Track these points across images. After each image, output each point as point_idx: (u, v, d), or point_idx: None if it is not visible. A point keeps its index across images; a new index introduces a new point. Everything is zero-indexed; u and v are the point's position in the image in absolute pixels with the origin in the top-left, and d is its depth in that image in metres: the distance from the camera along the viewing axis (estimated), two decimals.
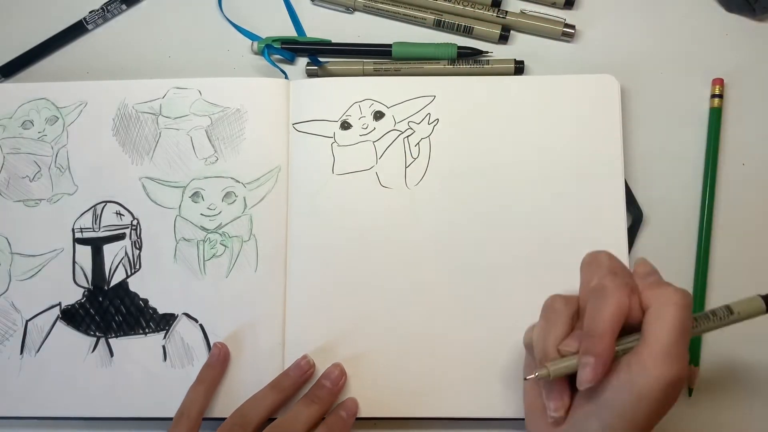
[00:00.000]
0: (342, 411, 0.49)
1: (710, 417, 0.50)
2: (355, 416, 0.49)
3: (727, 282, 0.52)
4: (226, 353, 0.50)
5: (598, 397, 0.38)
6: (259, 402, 0.48)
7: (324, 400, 0.49)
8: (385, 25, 0.59)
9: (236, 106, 0.55)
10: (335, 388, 0.49)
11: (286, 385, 0.49)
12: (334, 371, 0.50)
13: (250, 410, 0.48)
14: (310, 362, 0.50)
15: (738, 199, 0.54)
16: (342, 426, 0.48)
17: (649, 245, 0.53)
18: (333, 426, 0.48)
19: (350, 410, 0.49)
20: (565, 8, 0.58)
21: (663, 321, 0.36)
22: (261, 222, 0.53)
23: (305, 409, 0.48)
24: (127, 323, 0.52)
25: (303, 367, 0.50)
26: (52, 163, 0.55)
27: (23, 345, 0.52)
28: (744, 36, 0.57)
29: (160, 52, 0.59)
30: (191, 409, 0.48)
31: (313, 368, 0.50)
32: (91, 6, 0.60)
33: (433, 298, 0.51)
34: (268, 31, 0.59)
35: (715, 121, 0.54)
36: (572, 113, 0.54)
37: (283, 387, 0.49)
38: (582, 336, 0.38)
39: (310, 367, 0.50)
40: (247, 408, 0.48)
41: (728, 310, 0.39)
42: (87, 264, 0.53)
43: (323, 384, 0.49)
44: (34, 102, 0.56)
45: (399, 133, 0.54)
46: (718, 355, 0.51)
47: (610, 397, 0.37)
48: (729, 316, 0.39)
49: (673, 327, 0.36)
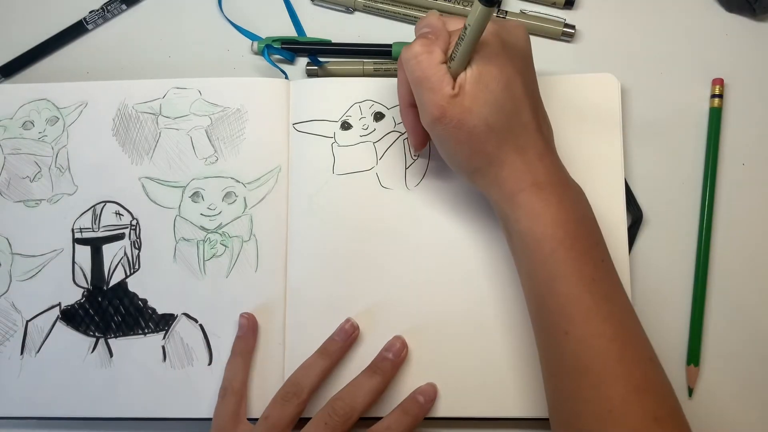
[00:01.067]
0: (420, 396, 0.49)
1: (710, 417, 0.50)
2: (433, 402, 0.49)
3: (728, 282, 0.52)
4: (254, 322, 0.51)
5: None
6: (310, 369, 0.48)
7: (386, 371, 0.49)
8: (385, 25, 0.59)
9: (236, 106, 0.55)
10: (397, 360, 0.49)
11: (333, 349, 0.49)
12: (395, 343, 0.50)
13: (302, 378, 0.48)
14: (354, 324, 0.50)
15: (738, 199, 0.54)
16: (418, 410, 0.48)
17: (649, 245, 0.53)
18: (409, 409, 0.48)
19: (429, 395, 0.49)
20: (565, 8, 0.58)
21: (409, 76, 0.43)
22: (261, 222, 0.53)
23: (367, 381, 0.48)
24: (127, 323, 0.52)
25: (348, 330, 0.50)
26: (53, 163, 0.55)
27: (23, 345, 0.52)
28: (744, 36, 0.57)
29: (160, 52, 0.59)
30: (234, 383, 0.49)
31: (357, 330, 0.50)
32: (91, 6, 0.60)
33: (433, 298, 0.51)
34: (268, 31, 0.59)
35: (715, 121, 0.54)
36: (572, 113, 0.54)
37: (330, 352, 0.49)
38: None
39: (354, 330, 0.50)
40: (298, 376, 0.48)
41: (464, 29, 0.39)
42: (86, 264, 0.53)
43: (385, 356, 0.49)
44: (35, 102, 0.56)
45: (399, 134, 0.54)
46: (718, 355, 0.51)
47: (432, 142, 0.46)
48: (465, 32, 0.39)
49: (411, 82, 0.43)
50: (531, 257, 0.42)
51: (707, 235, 0.52)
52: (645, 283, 0.52)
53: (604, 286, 0.41)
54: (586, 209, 0.44)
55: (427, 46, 0.41)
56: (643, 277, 0.52)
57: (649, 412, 0.39)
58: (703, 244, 0.52)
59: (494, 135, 0.41)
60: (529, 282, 0.43)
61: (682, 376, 0.51)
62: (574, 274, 0.41)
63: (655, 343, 0.51)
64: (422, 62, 0.41)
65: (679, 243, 0.53)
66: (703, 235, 0.52)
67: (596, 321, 0.40)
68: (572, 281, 0.40)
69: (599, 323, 0.40)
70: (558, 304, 0.41)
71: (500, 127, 0.41)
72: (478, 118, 0.41)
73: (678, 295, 0.52)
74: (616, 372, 0.39)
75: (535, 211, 0.42)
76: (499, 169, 0.42)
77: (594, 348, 0.40)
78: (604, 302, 0.41)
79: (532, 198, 0.42)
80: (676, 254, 0.53)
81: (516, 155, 0.42)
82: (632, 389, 0.39)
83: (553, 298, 0.41)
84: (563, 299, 0.40)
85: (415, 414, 0.48)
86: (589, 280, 0.41)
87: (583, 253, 0.41)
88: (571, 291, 0.40)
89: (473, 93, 0.41)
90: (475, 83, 0.40)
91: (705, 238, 0.52)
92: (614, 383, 0.39)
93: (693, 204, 0.54)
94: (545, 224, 0.41)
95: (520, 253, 0.43)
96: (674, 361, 0.51)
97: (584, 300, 0.40)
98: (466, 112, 0.41)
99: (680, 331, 0.51)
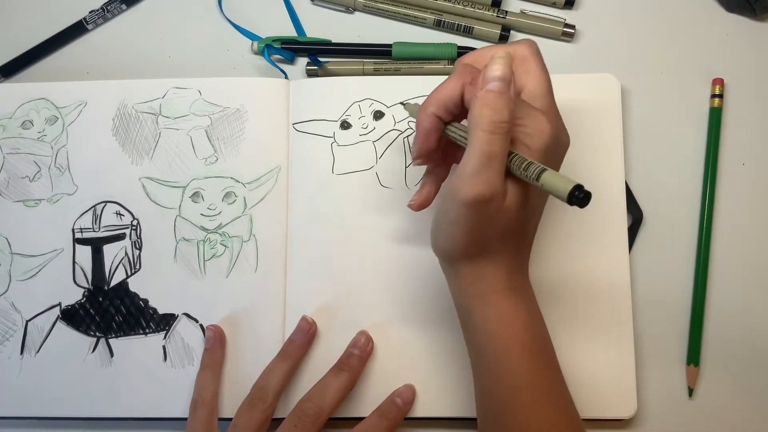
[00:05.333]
0: (398, 398, 0.49)
1: (710, 417, 0.50)
2: (411, 404, 0.49)
3: (728, 282, 0.52)
4: (220, 333, 0.51)
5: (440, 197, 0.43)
6: (272, 373, 0.48)
7: (353, 367, 0.49)
8: (385, 25, 0.59)
9: (236, 106, 0.55)
10: (363, 355, 0.49)
11: (292, 350, 0.49)
12: (360, 338, 0.50)
13: (266, 382, 0.48)
14: (309, 320, 0.50)
15: (738, 199, 0.54)
16: (396, 413, 0.48)
17: (649, 245, 0.53)
18: (387, 412, 0.48)
19: (406, 398, 0.49)
20: (565, 8, 0.58)
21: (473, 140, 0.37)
22: (261, 222, 0.53)
23: (334, 379, 0.48)
24: (127, 323, 0.52)
25: (304, 328, 0.50)
26: (52, 163, 0.55)
27: (23, 345, 0.52)
28: (744, 36, 0.57)
29: (160, 52, 0.59)
30: (204, 395, 0.49)
31: (314, 326, 0.50)
32: (91, 6, 0.60)
33: (433, 297, 0.51)
34: (268, 31, 0.59)
35: (715, 121, 0.54)
36: (573, 113, 0.53)
37: (290, 353, 0.49)
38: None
39: (311, 326, 0.50)
40: (261, 381, 0.48)
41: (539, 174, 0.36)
42: (87, 264, 0.53)
43: (351, 352, 0.49)
44: (34, 102, 0.56)
45: (399, 132, 0.54)
46: (718, 355, 0.51)
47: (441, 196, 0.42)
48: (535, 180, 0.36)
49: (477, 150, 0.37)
50: (495, 361, 0.41)
51: (707, 235, 0.52)
52: (645, 283, 0.52)
53: (562, 395, 0.41)
54: (541, 317, 0.43)
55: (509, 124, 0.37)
56: (643, 277, 0.52)
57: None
58: (703, 244, 0.52)
59: (503, 238, 0.39)
60: (489, 384, 0.41)
61: (682, 376, 0.51)
62: (538, 383, 0.40)
63: (655, 343, 0.51)
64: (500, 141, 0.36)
65: (679, 243, 0.53)
66: (703, 235, 0.52)
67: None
68: (537, 390, 0.40)
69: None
70: (522, 415, 0.40)
71: (510, 235, 0.40)
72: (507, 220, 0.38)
73: (678, 295, 0.52)
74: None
75: (506, 315, 0.41)
76: (487, 263, 0.40)
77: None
78: (562, 413, 0.41)
79: (505, 301, 0.41)
80: (676, 254, 0.53)
81: (508, 259, 0.41)
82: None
83: (518, 408, 0.40)
84: (526, 408, 0.40)
85: (394, 417, 0.48)
86: (551, 389, 0.41)
87: (547, 362, 0.41)
88: (534, 401, 0.40)
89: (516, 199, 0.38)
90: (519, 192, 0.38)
91: (705, 238, 0.52)
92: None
93: (693, 204, 0.54)
94: (516, 329, 0.40)
95: (481, 353, 0.42)
96: (674, 361, 0.51)
97: (547, 410, 0.40)
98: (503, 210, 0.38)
99: (680, 331, 0.51)
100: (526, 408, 0.40)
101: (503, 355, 0.40)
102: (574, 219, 0.52)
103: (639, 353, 0.50)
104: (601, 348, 0.50)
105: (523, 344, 0.40)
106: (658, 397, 0.50)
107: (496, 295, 0.41)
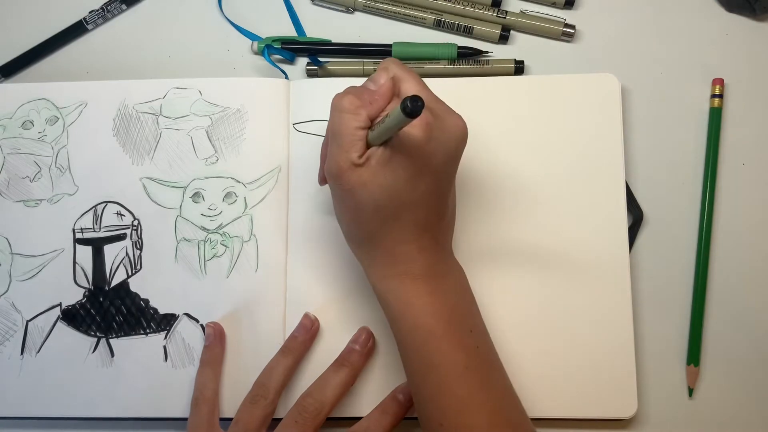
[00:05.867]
0: (400, 394, 0.49)
1: (710, 417, 0.50)
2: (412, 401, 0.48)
3: (727, 282, 0.52)
4: (220, 330, 0.51)
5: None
6: (274, 369, 0.48)
7: (354, 363, 0.49)
8: (385, 25, 0.59)
9: (236, 106, 0.55)
10: (364, 351, 0.49)
11: (294, 346, 0.50)
12: (361, 335, 0.50)
13: (268, 379, 0.48)
14: (312, 317, 0.50)
15: (738, 199, 0.54)
16: (398, 409, 0.48)
17: (649, 245, 0.53)
18: (388, 408, 0.48)
19: (408, 394, 0.49)
20: (565, 8, 0.58)
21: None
22: (261, 222, 0.53)
23: (335, 375, 0.48)
24: (128, 323, 0.52)
25: (307, 325, 0.50)
26: (53, 163, 0.55)
27: (24, 345, 0.52)
28: (744, 36, 0.57)
29: (160, 52, 0.59)
30: (205, 392, 0.49)
31: (317, 323, 0.50)
32: (91, 6, 0.60)
33: None
34: (268, 31, 0.59)
35: (715, 121, 0.54)
36: (573, 113, 0.54)
37: (291, 349, 0.49)
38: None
39: (313, 323, 0.50)
40: (263, 377, 0.48)
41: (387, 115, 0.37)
42: (88, 264, 0.53)
43: (352, 348, 0.49)
44: (34, 102, 0.56)
45: None
46: (718, 355, 0.51)
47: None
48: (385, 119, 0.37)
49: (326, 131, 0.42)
50: (404, 344, 0.42)
51: (707, 235, 0.52)
52: (645, 283, 0.52)
53: (478, 374, 0.41)
54: (461, 296, 0.43)
55: (355, 107, 0.39)
56: (643, 277, 0.52)
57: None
58: (703, 244, 0.52)
59: (378, 217, 0.40)
60: (406, 367, 0.43)
61: (682, 376, 0.51)
62: (446, 364, 0.40)
63: (655, 343, 0.51)
64: (343, 120, 0.39)
65: (679, 243, 0.53)
66: (703, 235, 0.52)
67: (470, 412, 0.40)
68: (444, 371, 0.40)
69: (473, 414, 0.40)
70: (431, 395, 0.41)
71: (388, 213, 0.40)
72: (369, 196, 0.39)
73: (678, 295, 0.52)
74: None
75: (404, 299, 0.42)
76: (375, 248, 0.42)
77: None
78: (477, 391, 0.41)
79: (402, 286, 0.42)
80: (676, 254, 0.53)
81: (394, 243, 0.41)
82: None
83: (427, 389, 0.41)
84: (436, 390, 0.40)
85: (395, 413, 0.48)
86: (462, 369, 0.41)
87: (456, 343, 0.41)
88: (444, 381, 0.40)
89: (375, 171, 0.39)
90: (382, 163, 0.39)
91: (705, 238, 0.52)
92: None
93: (693, 204, 0.54)
94: (415, 315, 0.41)
95: (395, 337, 0.43)
96: (674, 361, 0.51)
97: (457, 391, 0.40)
98: (361, 184, 0.39)
99: (680, 331, 0.51)
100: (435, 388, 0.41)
101: (409, 338, 0.42)
102: (574, 219, 0.52)
103: (639, 353, 0.50)
104: (601, 348, 0.50)
105: (425, 328, 0.41)
106: (658, 397, 0.51)
107: (391, 279, 0.42)
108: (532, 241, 0.52)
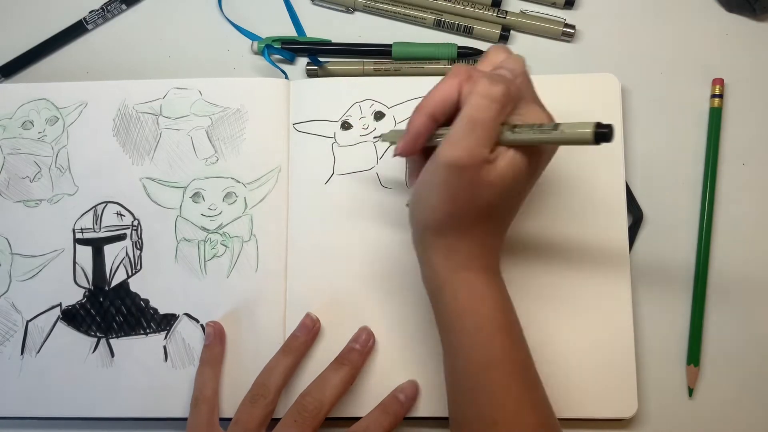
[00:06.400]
0: (400, 393, 0.49)
1: (710, 417, 0.50)
2: (413, 401, 0.49)
3: (727, 282, 0.52)
4: (220, 329, 0.51)
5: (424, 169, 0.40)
6: (274, 368, 0.48)
7: (354, 362, 0.49)
8: (385, 25, 0.59)
9: (236, 107, 0.55)
10: (364, 350, 0.49)
11: (295, 346, 0.49)
12: (361, 334, 0.50)
13: (268, 378, 0.48)
14: (313, 318, 0.50)
15: (738, 199, 0.54)
16: (398, 409, 0.48)
17: (649, 245, 0.53)
18: (389, 408, 0.48)
19: (409, 393, 0.49)
20: (565, 8, 0.58)
21: (464, 107, 0.37)
22: (261, 222, 0.53)
23: (334, 374, 0.48)
24: (128, 324, 0.52)
25: (308, 325, 0.50)
26: (53, 163, 0.55)
27: (24, 345, 0.52)
28: (744, 36, 0.57)
29: (160, 52, 0.59)
30: (205, 391, 0.49)
31: (318, 323, 0.50)
32: (91, 6, 0.60)
33: None
34: (268, 31, 0.59)
35: (715, 121, 0.54)
36: (573, 113, 0.53)
37: (292, 348, 0.49)
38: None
39: (315, 323, 0.50)
40: (264, 377, 0.48)
41: (555, 126, 0.36)
42: (88, 264, 0.53)
43: (352, 347, 0.49)
44: (34, 102, 0.56)
45: None
46: (718, 355, 0.51)
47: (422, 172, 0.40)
48: (553, 131, 0.36)
49: (464, 115, 0.37)
50: (467, 339, 0.41)
51: (707, 235, 0.52)
52: (645, 283, 0.52)
53: (532, 373, 0.41)
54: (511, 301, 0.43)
55: (504, 97, 0.37)
56: (643, 277, 0.52)
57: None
58: (703, 244, 0.52)
59: (485, 212, 0.39)
60: (459, 363, 0.41)
61: (682, 376, 0.51)
62: (509, 361, 0.40)
63: (656, 343, 0.51)
64: (492, 111, 0.36)
65: (679, 243, 0.53)
66: (703, 235, 0.52)
67: (525, 411, 0.40)
68: (507, 368, 0.40)
69: (528, 413, 0.40)
70: (489, 392, 0.40)
71: (495, 211, 0.40)
72: (490, 195, 0.38)
73: (678, 295, 0.52)
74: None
75: (478, 292, 0.41)
76: (461, 238, 0.40)
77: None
78: (532, 390, 0.41)
79: (478, 279, 0.41)
80: (676, 254, 0.53)
81: (484, 237, 0.41)
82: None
83: (488, 385, 0.40)
84: (496, 387, 0.40)
85: (395, 412, 0.48)
86: (521, 367, 0.41)
87: (519, 341, 0.41)
88: (505, 378, 0.40)
89: (504, 174, 0.37)
90: (514, 169, 0.38)
91: (705, 238, 0.52)
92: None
93: (693, 204, 0.54)
94: (488, 307, 0.40)
95: (451, 332, 0.42)
96: (674, 361, 0.51)
97: (515, 389, 0.40)
98: (487, 184, 0.37)
99: (680, 331, 0.51)
100: (496, 385, 0.40)
101: (475, 333, 0.40)
102: (574, 219, 0.52)
103: (639, 353, 0.50)
104: (601, 348, 0.50)
105: (494, 323, 0.40)
106: (658, 397, 0.51)
107: (468, 271, 0.41)
108: (532, 241, 0.52)
